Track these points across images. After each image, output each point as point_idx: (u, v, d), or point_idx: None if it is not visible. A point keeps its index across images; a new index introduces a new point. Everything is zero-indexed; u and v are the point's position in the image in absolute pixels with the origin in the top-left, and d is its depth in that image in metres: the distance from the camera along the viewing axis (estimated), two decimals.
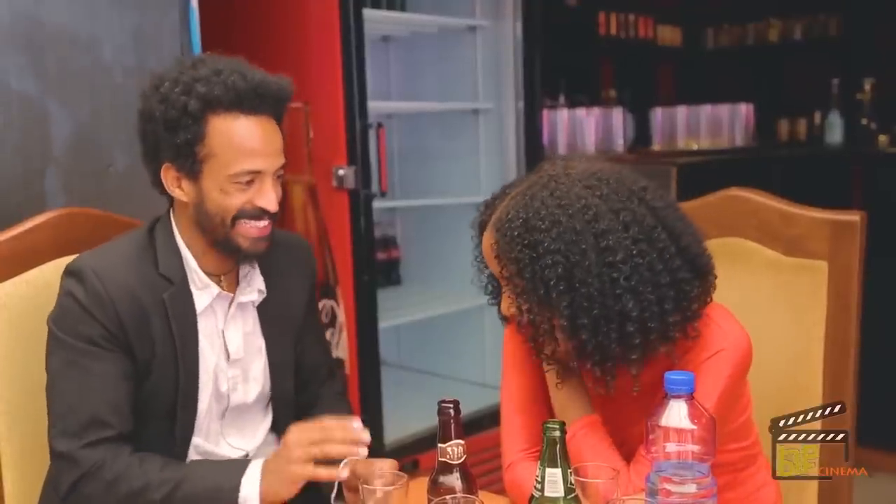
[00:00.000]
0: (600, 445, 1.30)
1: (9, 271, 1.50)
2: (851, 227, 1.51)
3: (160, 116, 1.38)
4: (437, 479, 1.17)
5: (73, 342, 1.37)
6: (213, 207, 1.41)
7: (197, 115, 1.36)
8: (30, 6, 1.76)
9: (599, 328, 1.20)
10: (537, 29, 3.19)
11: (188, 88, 1.37)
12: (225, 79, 1.37)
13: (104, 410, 1.36)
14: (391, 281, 3.52)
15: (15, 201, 1.74)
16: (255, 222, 1.42)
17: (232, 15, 2.78)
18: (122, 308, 1.38)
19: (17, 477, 1.49)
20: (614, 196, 1.24)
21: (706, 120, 4.38)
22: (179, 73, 1.40)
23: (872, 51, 4.41)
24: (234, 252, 1.45)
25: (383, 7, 3.10)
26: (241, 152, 1.38)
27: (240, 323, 1.52)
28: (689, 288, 1.24)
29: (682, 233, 1.26)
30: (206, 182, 1.40)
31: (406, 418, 2.89)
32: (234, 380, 1.51)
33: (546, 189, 1.25)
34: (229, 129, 1.38)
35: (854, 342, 1.51)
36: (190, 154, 1.38)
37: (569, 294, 1.20)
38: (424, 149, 3.44)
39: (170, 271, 1.44)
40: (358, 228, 2.72)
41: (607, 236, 1.20)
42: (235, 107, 1.38)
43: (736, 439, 1.36)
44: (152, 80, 1.43)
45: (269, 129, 1.42)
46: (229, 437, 1.53)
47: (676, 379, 1.03)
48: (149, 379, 1.42)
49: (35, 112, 1.78)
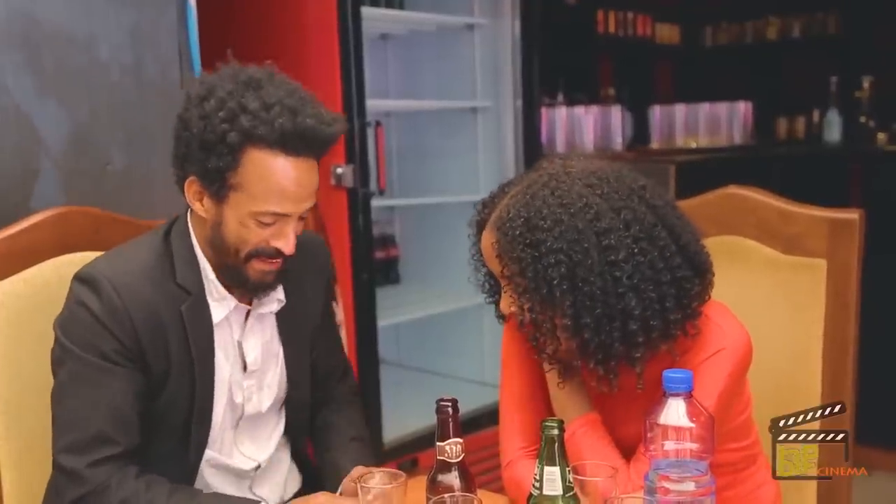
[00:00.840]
0: (600, 444, 1.30)
1: (7, 270, 1.49)
2: (850, 225, 1.51)
3: (197, 133, 1.31)
4: (436, 478, 1.17)
5: (82, 354, 1.33)
6: (229, 236, 1.35)
7: (235, 146, 1.29)
8: (26, 4, 1.76)
9: (602, 327, 1.20)
10: (536, 27, 3.19)
11: (232, 116, 1.29)
12: (273, 118, 1.29)
13: (111, 427, 1.32)
14: (390, 279, 3.52)
15: (12, 200, 1.73)
16: (267, 261, 1.37)
17: (230, 13, 2.77)
18: (139, 321, 1.33)
19: (15, 477, 1.49)
20: (615, 195, 1.24)
21: (705, 118, 4.39)
22: (229, 93, 1.31)
23: (871, 49, 4.41)
24: (239, 283, 1.40)
25: (382, 5, 3.10)
26: (271, 193, 1.31)
27: (258, 332, 1.48)
28: (689, 286, 1.25)
29: (682, 231, 1.27)
30: (229, 210, 1.34)
31: (405, 417, 2.89)
32: (248, 390, 1.48)
33: (546, 188, 1.25)
34: (266, 167, 1.30)
35: (853, 340, 1.51)
36: (219, 179, 1.32)
37: (572, 293, 1.20)
38: (423, 147, 3.43)
39: (187, 282, 1.38)
40: (356, 227, 2.72)
41: (609, 235, 1.20)
42: (278, 146, 1.30)
43: (736, 438, 1.36)
44: (200, 88, 1.34)
45: (306, 172, 1.34)
46: (242, 447, 1.51)
47: (675, 377, 1.03)
48: (164, 392, 1.38)
49: (32, 111, 1.78)
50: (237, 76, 1.34)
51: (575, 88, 4.37)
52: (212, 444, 1.45)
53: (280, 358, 1.51)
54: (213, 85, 1.33)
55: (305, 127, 1.30)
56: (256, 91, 1.31)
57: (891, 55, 4.20)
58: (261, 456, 1.52)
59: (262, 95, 1.31)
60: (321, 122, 1.33)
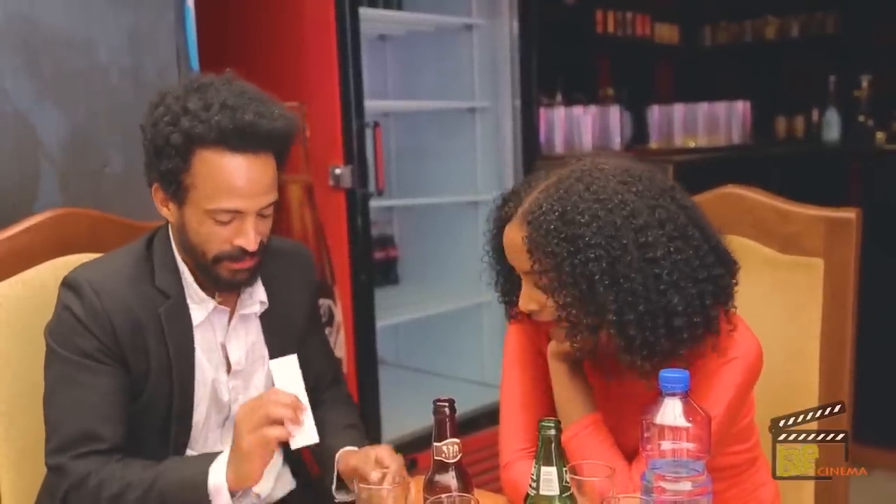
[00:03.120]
0: (604, 445, 1.30)
1: (4, 272, 1.50)
2: (847, 224, 1.51)
3: (150, 139, 1.37)
4: (433, 478, 1.17)
5: (67, 355, 1.37)
6: (193, 237, 1.39)
7: (180, 148, 1.33)
8: (24, 7, 1.76)
9: (645, 323, 1.19)
10: (534, 27, 3.19)
11: (175, 120, 1.34)
12: (211, 116, 1.32)
13: (97, 424, 1.36)
14: (389, 280, 3.52)
15: (11, 202, 1.73)
16: (235, 262, 1.40)
17: (228, 15, 2.78)
18: (118, 322, 1.37)
19: (13, 478, 1.49)
20: (648, 193, 1.23)
21: (703, 117, 4.38)
22: (175, 98, 1.36)
23: (870, 48, 4.40)
24: (214, 282, 1.43)
25: (380, 6, 3.11)
26: (220, 190, 1.35)
27: (242, 334, 1.51)
28: (724, 283, 1.25)
29: (711, 232, 1.27)
30: (188, 211, 1.38)
31: (404, 417, 2.89)
32: (234, 390, 1.51)
33: (581, 183, 1.23)
34: (213, 165, 1.34)
35: (850, 339, 1.51)
36: (174, 181, 1.36)
37: (613, 289, 1.18)
38: (421, 147, 3.44)
39: (166, 285, 1.43)
40: (355, 227, 2.72)
41: (646, 232, 1.19)
42: (220, 144, 1.34)
43: (739, 441, 1.37)
44: (155, 97, 1.40)
45: (256, 168, 1.36)
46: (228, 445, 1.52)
47: (671, 377, 1.03)
48: (143, 392, 1.42)
49: (31, 113, 1.78)
50: (189, 83, 1.40)
51: (573, 88, 4.37)
52: (193, 443, 1.48)
53: (266, 360, 1.53)
54: (165, 92, 1.39)
55: (245, 123, 1.33)
56: (201, 93, 1.36)
57: (889, 54, 4.20)
58: None
59: (205, 97, 1.35)
60: (262, 117, 1.35)
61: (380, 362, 2.91)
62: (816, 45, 4.73)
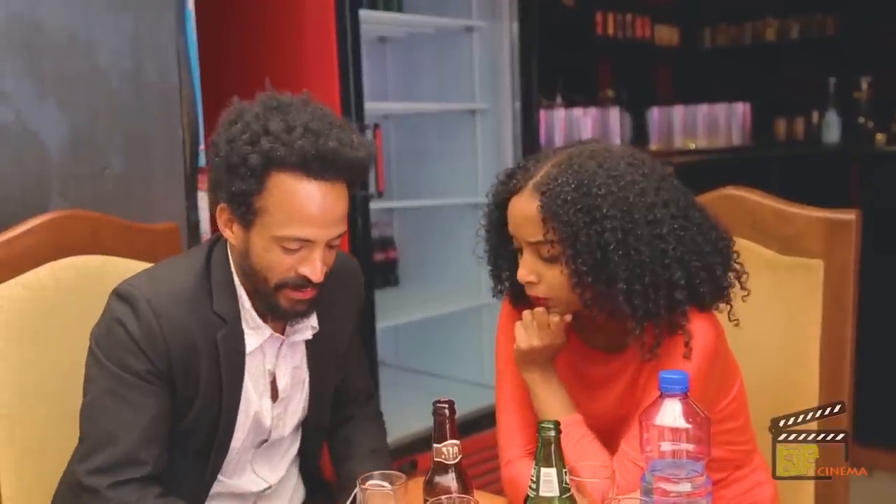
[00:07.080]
0: (584, 441, 1.31)
1: (5, 274, 1.49)
2: (847, 225, 1.51)
3: (224, 157, 1.30)
4: (433, 480, 1.17)
5: (117, 371, 1.32)
6: (256, 262, 1.33)
7: (257, 169, 1.27)
8: (26, 9, 1.76)
9: (649, 295, 1.25)
10: (534, 29, 3.19)
11: (254, 139, 1.27)
12: (294, 139, 1.27)
13: (140, 447, 1.32)
14: (389, 282, 3.52)
15: (12, 204, 1.73)
16: (297, 291, 1.34)
17: (228, 18, 2.78)
18: (174, 345, 1.33)
19: (14, 481, 1.49)
20: (653, 176, 1.30)
21: (703, 119, 4.39)
22: (255, 116, 1.30)
23: (869, 50, 4.41)
24: (271, 310, 1.38)
25: (380, 8, 3.10)
26: (293, 217, 1.29)
27: (289, 360, 1.47)
28: (732, 254, 1.33)
29: (708, 216, 1.34)
30: (255, 235, 1.32)
31: (404, 418, 2.88)
32: (277, 418, 1.47)
33: (593, 160, 1.29)
34: (288, 190, 1.28)
35: (850, 340, 1.51)
36: (244, 203, 1.30)
37: (625, 259, 1.24)
38: (421, 149, 3.44)
39: (224, 310, 1.37)
40: (355, 229, 2.71)
41: (653, 210, 1.26)
42: (300, 169, 1.28)
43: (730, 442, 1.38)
44: (231, 112, 1.34)
45: (331, 198, 1.31)
46: (257, 467, 1.50)
47: (670, 378, 1.03)
48: (187, 417, 1.38)
49: (32, 115, 1.78)
50: (268, 101, 1.33)
51: (574, 90, 4.37)
52: (226, 465, 1.45)
53: (305, 384, 1.50)
54: (243, 109, 1.33)
55: (327, 149, 1.28)
56: (283, 114, 1.30)
57: (889, 56, 4.20)
58: (273, 477, 1.52)
59: (287, 118, 1.29)
60: (344, 145, 1.30)
61: (380, 364, 2.91)
62: (816, 47, 4.74)
